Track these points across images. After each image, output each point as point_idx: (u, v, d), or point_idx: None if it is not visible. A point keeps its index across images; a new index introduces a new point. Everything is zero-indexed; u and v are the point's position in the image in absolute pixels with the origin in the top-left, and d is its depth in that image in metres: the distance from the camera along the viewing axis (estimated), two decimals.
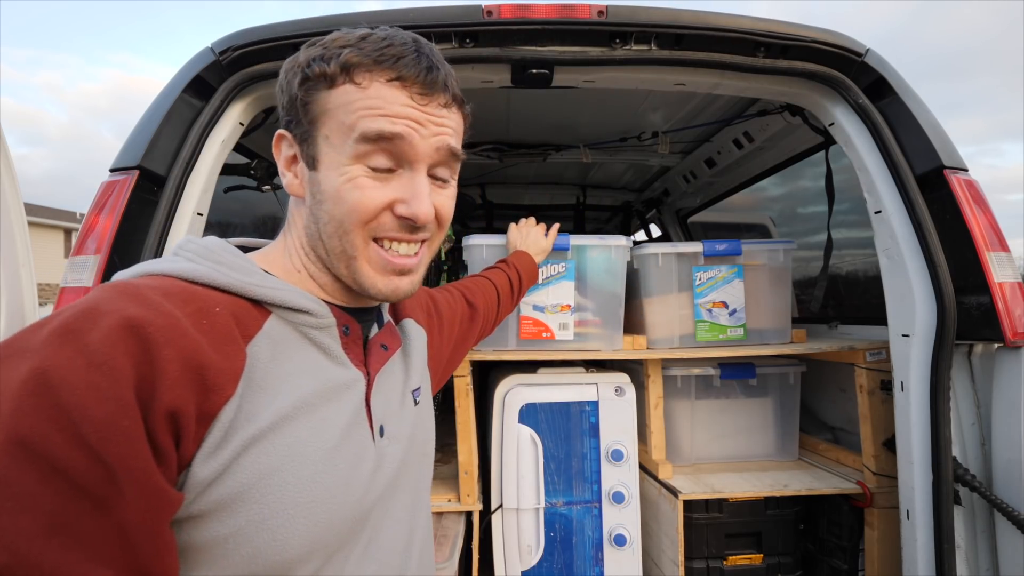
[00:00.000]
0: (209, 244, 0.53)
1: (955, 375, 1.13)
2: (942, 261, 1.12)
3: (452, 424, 1.39)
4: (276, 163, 0.59)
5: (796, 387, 1.58)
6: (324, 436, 0.49)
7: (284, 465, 0.46)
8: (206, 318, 0.45)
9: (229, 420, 0.43)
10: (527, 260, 1.28)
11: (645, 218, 3.18)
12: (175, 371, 0.40)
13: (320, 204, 0.54)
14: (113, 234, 1.04)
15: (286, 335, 0.51)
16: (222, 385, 0.43)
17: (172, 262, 0.50)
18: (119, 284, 0.45)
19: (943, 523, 1.07)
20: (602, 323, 1.44)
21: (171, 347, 0.40)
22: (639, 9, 1.16)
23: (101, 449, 0.35)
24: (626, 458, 1.39)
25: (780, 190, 2.42)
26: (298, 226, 0.58)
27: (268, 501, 0.44)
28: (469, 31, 1.15)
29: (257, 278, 0.51)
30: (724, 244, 1.48)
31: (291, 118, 0.55)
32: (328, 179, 0.53)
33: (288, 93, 0.55)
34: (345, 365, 0.55)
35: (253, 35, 1.16)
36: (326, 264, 0.57)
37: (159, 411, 0.39)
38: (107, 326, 0.39)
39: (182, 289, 0.46)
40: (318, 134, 0.53)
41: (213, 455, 0.42)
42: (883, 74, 1.21)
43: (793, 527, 1.45)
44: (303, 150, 0.55)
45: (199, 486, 0.41)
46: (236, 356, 0.45)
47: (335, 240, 0.54)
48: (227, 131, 1.22)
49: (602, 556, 1.38)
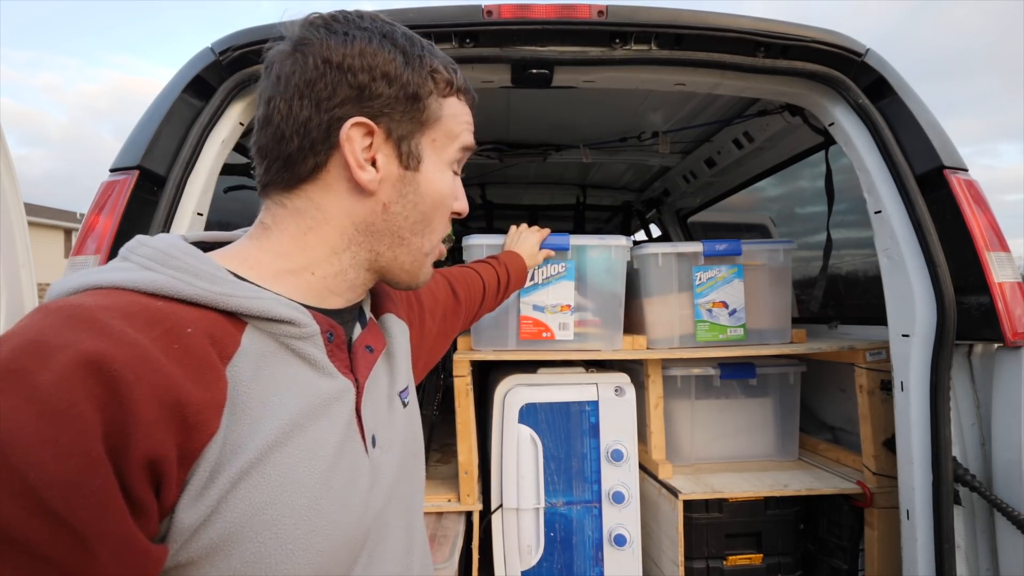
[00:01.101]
0: (164, 246, 0.46)
1: (955, 375, 1.13)
2: (942, 261, 1.12)
3: (452, 424, 1.39)
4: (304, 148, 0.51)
5: (796, 387, 1.58)
6: (317, 458, 0.45)
7: (277, 497, 0.41)
8: (177, 342, 0.39)
9: (215, 457, 0.39)
10: (518, 262, 1.25)
11: (645, 218, 3.18)
12: (149, 413, 0.35)
13: (414, 204, 0.54)
14: (113, 234, 1.04)
15: (266, 349, 0.45)
16: (204, 422, 0.38)
17: (124, 271, 0.43)
18: (64, 306, 0.37)
19: (943, 523, 1.07)
20: (602, 323, 1.44)
21: (142, 385, 0.35)
22: (639, 9, 1.16)
23: (67, 514, 0.31)
24: (626, 458, 1.39)
25: (780, 190, 2.42)
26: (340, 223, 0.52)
27: (264, 539, 0.40)
28: (469, 31, 1.15)
29: (228, 287, 0.44)
30: (724, 244, 1.48)
31: (387, 111, 0.51)
32: (432, 180, 0.55)
33: (404, 89, 0.51)
34: (332, 375, 0.50)
35: (253, 35, 1.16)
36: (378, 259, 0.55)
37: (135, 462, 0.34)
38: (60, 365, 0.33)
39: (143, 307, 0.39)
40: (426, 136, 0.54)
41: (199, 498, 0.38)
42: (883, 74, 1.21)
43: (793, 527, 1.45)
44: (400, 147, 0.52)
45: (185, 532, 0.37)
46: (216, 384, 0.40)
47: (418, 238, 0.56)
48: (227, 131, 1.22)
49: (602, 556, 1.38)
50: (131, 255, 0.46)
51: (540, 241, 1.36)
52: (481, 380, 1.77)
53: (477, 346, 1.43)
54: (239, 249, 0.52)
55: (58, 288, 0.43)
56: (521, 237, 1.34)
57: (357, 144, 0.50)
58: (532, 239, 1.34)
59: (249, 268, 0.50)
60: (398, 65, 0.51)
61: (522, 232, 1.35)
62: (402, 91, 0.51)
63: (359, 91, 0.50)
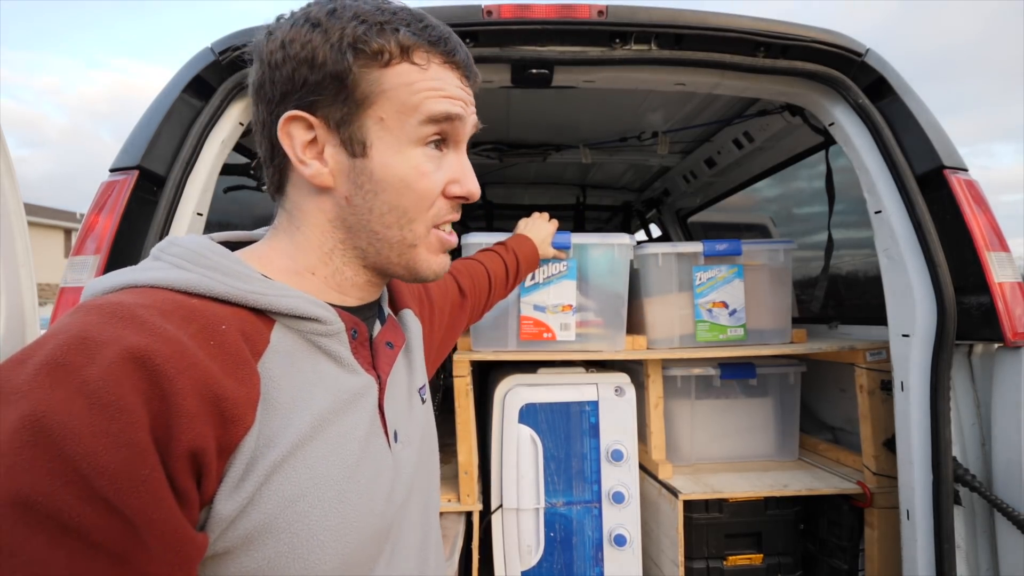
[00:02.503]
0: (195, 246, 0.47)
1: (955, 375, 1.13)
2: (942, 261, 1.12)
3: (452, 424, 1.39)
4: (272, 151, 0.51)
5: (796, 387, 1.58)
6: (344, 453, 0.46)
7: (308, 490, 0.43)
8: (213, 338, 0.40)
9: (251, 451, 0.40)
10: (528, 246, 1.21)
11: (645, 218, 3.18)
12: (192, 406, 0.36)
13: (374, 194, 0.50)
14: (113, 234, 1.04)
15: (294, 346, 0.47)
16: (241, 415, 0.39)
17: (157, 270, 0.44)
18: (104, 304, 0.39)
19: (943, 523, 1.07)
20: (604, 323, 1.44)
21: (184, 378, 0.36)
22: (639, 9, 1.16)
23: (119, 502, 0.32)
24: (626, 458, 1.39)
25: (779, 190, 2.42)
26: (317, 221, 0.52)
27: (296, 530, 0.41)
28: (469, 31, 1.15)
29: (258, 285, 0.46)
30: (724, 244, 1.48)
31: (318, 98, 0.48)
32: (387, 166, 0.49)
33: (323, 70, 0.47)
34: (356, 372, 0.51)
35: (253, 35, 1.15)
36: (365, 256, 0.53)
37: (179, 452, 0.35)
38: (107, 359, 0.34)
39: (178, 305, 0.41)
40: (368, 116, 0.49)
41: (236, 490, 0.39)
42: (883, 74, 1.21)
43: (793, 527, 1.45)
44: (341, 134, 0.49)
45: (223, 523, 0.38)
46: (250, 380, 0.41)
47: (394, 230, 0.51)
48: (227, 131, 1.22)
49: (602, 556, 1.38)
50: (162, 254, 0.47)
51: (552, 232, 1.32)
52: (481, 380, 1.77)
53: (477, 347, 1.42)
54: (259, 249, 0.54)
55: (94, 287, 0.44)
56: (533, 224, 1.30)
57: (297, 140, 0.49)
58: (544, 228, 1.30)
59: (268, 267, 0.51)
60: (316, 45, 0.47)
61: (534, 220, 1.31)
62: (323, 73, 0.47)
63: (288, 84, 0.48)
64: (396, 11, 0.50)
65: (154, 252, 0.48)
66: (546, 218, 1.34)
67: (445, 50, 0.51)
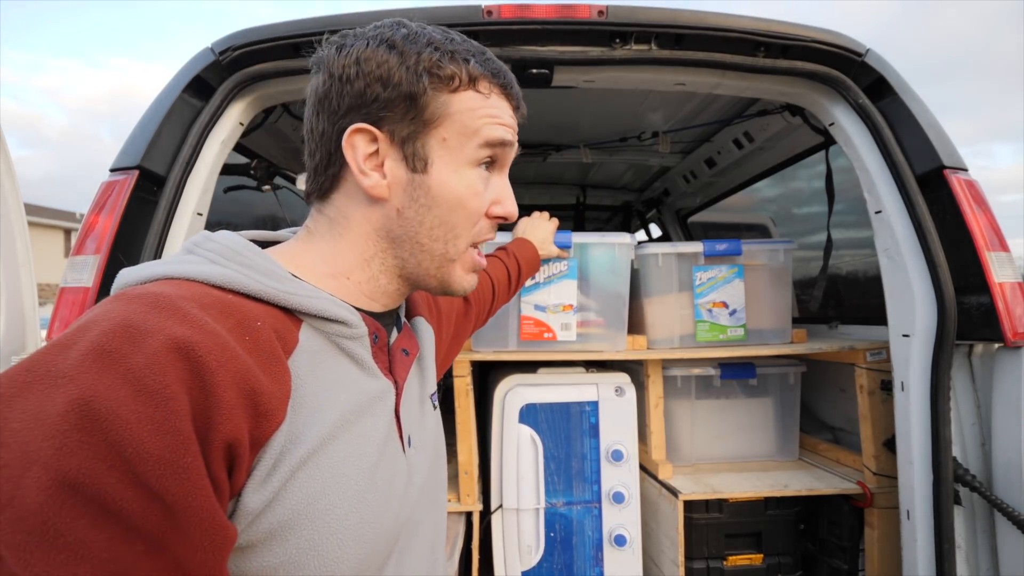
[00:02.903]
0: (230, 243, 0.48)
1: (955, 375, 1.13)
2: (942, 261, 1.12)
3: (452, 424, 1.39)
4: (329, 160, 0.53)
5: (796, 387, 1.58)
6: (364, 453, 0.48)
7: (330, 488, 0.44)
8: (248, 334, 0.42)
9: (280, 446, 0.41)
10: (529, 249, 1.22)
11: (645, 218, 3.18)
12: (231, 398, 0.37)
13: (427, 208, 0.53)
14: (113, 234, 1.04)
15: (320, 347, 0.48)
16: (274, 410, 0.41)
17: (193, 264, 0.46)
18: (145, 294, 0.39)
19: (943, 523, 1.07)
20: (605, 323, 1.44)
21: (224, 371, 0.37)
22: (639, 9, 1.16)
23: (160, 488, 0.33)
24: (626, 458, 1.39)
25: (779, 190, 2.42)
26: (362, 229, 0.54)
27: (318, 526, 0.42)
28: (469, 31, 1.15)
29: (290, 285, 0.47)
30: (724, 244, 1.48)
31: (387, 114, 0.51)
32: (444, 183, 0.53)
33: (398, 89, 0.50)
34: (376, 376, 0.52)
35: (253, 35, 1.16)
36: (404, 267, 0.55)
37: (217, 443, 0.36)
38: (152, 348, 0.35)
39: (216, 299, 0.42)
40: (432, 135, 0.52)
41: (264, 483, 0.40)
42: (883, 74, 1.21)
43: (793, 527, 1.45)
44: (404, 150, 0.52)
45: (249, 516, 0.39)
46: (283, 376, 0.43)
47: (439, 244, 0.54)
48: (227, 131, 1.22)
49: (602, 556, 1.38)
50: (197, 249, 0.48)
51: (553, 231, 1.33)
52: (481, 380, 1.77)
53: (477, 347, 1.42)
54: (290, 249, 0.55)
55: (129, 276, 0.45)
56: (533, 225, 1.31)
57: (360, 151, 0.51)
58: (545, 228, 1.31)
59: (297, 268, 0.52)
60: (392, 66, 0.50)
61: (534, 220, 1.32)
62: (397, 92, 0.50)
63: (358, 98, 0.51)
64: (463, 42, 0.55)
65: (187, 246, 0.49)
66: (546, 217, 1.35)
67: (504, 82, 0.56)
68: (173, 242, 1.13)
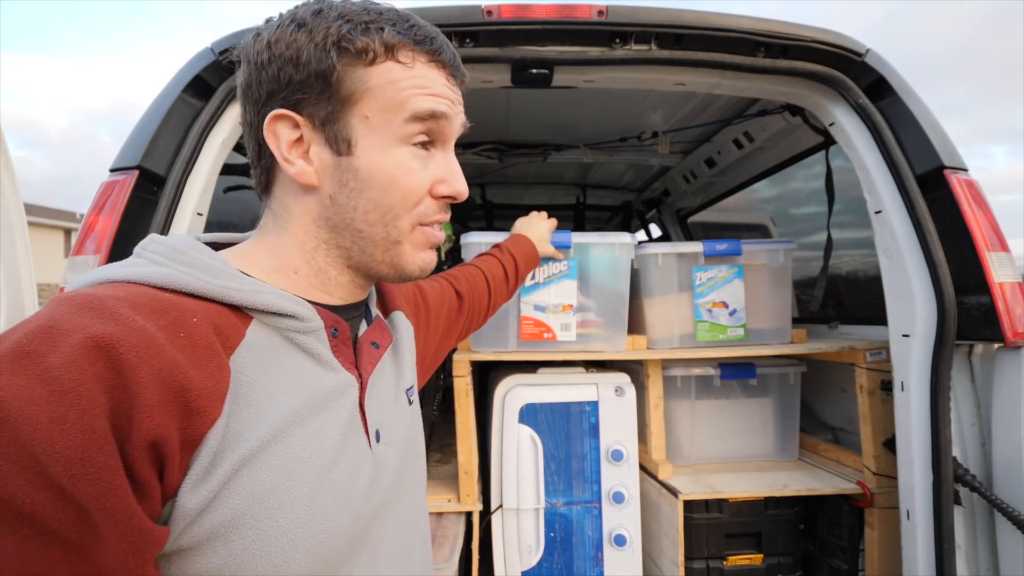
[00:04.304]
0: (175, 243, 0.47)
1: (955, 375, 1.13)
2: (942, 261, 1.12)
3: (452, 424, 1.39)
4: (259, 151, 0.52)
5: (796, 387, 1.58)
6: (319, 450, 0.46)
7: (279, 486, 0.42)
8: (183, 331, 0.40)
9: (217, 443, 0.39)
10: (525, 245, 1.21)
11: (645, 218, 3.18)
12: (152, 395, 0.36)
13: (359, 192, 0.50)
14: (113, 234, 1.04)
15: (271, 342, 0.46)
16: (206, 407, 0.39)
17: (134, 265, 0.45)
18: (76, 296, 0.39)
19: (943, 523, 1.07)
20: (605, 323, 1.44)
21: (145, 367, 0.36)
22: (639, 9, 1.16)
23: (73, 489, 0.32)
24: (626, 458, 1.39)
25: (780, 190, 2.42)
26: (302, 220, 0.52)
27: (264, 527, 0.41)
28: (469, 31, 1.15)
29: (235, 281, 0.46)
30: (724, 244, 1.48)
31: (303, 96, 0.49)
32: (372, 164, 0.50)
33: (308, 68, 0.48)
34: (336, 370, 0.51)
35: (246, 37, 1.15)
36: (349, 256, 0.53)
37: (138, 441, 0.35)
38: (70, 347, 0.34)
39: (151, 299, 0.41)
40: (352, 114, 0.49)
41: (201, 482, 0.38)
42: (883, 74, 1.21)
43: (793, 527, 1.45)
44: (326, 133, 0.49)
45: (187, 516, 0.38)
46: (219, 372, 0.41)
47: (378, 228, 0.52)
48: (227, 131, 1.22)
49: (602, 556, 1.38)
50: (143, 252, 0.47)
51: (550, 230, 1.33)
52: (481, 380, 1.77)
53: (476, 347, 1.42)
54: (243, 248, 0.55)
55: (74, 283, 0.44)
56: (529, 223, 1.30)
57: (283, 138, 0.49)
58: (542, 226, 1.31)
59: (249, 266, 0.51)
60: (300, 45, 0.48)
61: (531, 219, 1.32)
62: (307, 71, 0.48)
63: (274, 83, 0.49)
64: (382, 11, 0.50)
65: (136, 250, 0.48)
66: (544, 216, 1.35)
67: (431, 49, 0.51)
68: None
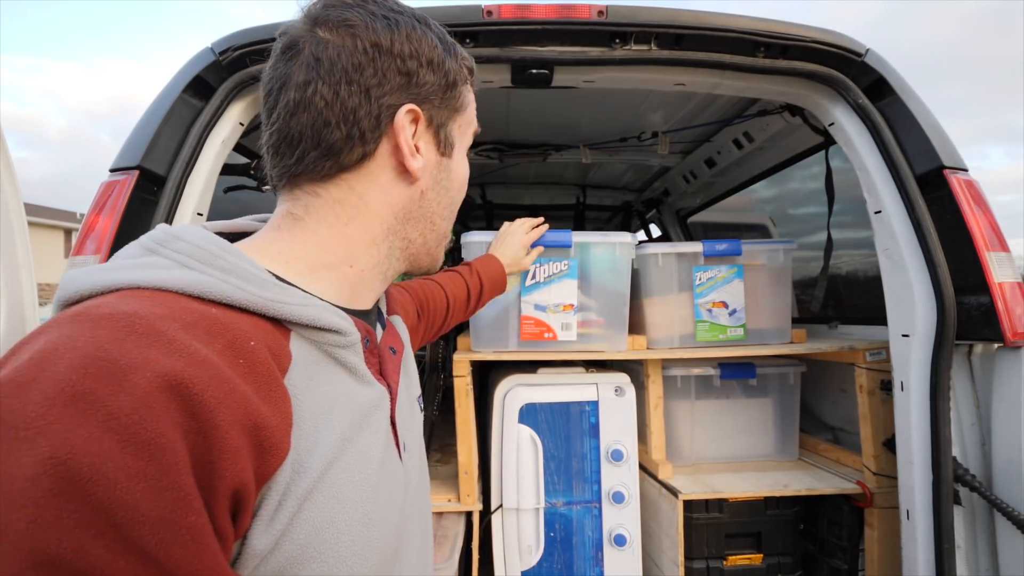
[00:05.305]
0: (202, 241, 0.41)
1: (955, 375, 1.13)
2: (942, 261, 1.12)
3: (452, 424, 1.39)
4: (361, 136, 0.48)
5: (796, 387, 1.58)
6: (366, 472, 0.44)
7: (336, 515, 0.40)
8: (241, 356, 0.36)
9: (286, 481, 0.37)
10: (495, 267, 1.16)
11: (645, 218, 3.18)
12: (233, 439, 0.32)
13: (446, 190, 0.55)
14: (113, 234, 1.04)
15: (311, 358, 0.43)
16: (277, 444, 0.36)
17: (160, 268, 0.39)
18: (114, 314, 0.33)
19: (943, 523, 1.07)
20: (605, 323, 1.44)
21: (223, 408, 0.32)
22: (639, 9, 1.16)
23: (160, 554, 0.28)
24: (626, 458, 1.39)
25: (780, 190, 2.42)
26: (380, 212, 0.50)
27: (326, 558, 0.39)
28: (469, 31, 1.15)
29: (276, 292, 0.41)
30: (724, 244, 1.48)
31: (432, 98, 0.51)
32: (458, 166, 0.56)
33: (446, 76, 0.51)
34: (370, 383, 0.48)
35: (253, 35, 1.16)
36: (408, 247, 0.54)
37: (222, 492, 0.31)
38: (139, 388, 0.29)
39: (199, 316, 0.36)
40: (455, 122, 0.55)
41: (271, 523, 0.36)
42: (883, 74, 1.21)
43: (793, 527, 1.45)
44: (439, 134, 0.52)
45: (256, 558, 0.35)
46: (283, 403, 0.38)
47: (445, 223, 0.57)
48: (227, 131, 1.22)
49: (602, 556, 1.38)
50: (162, 249, 0.41)
51: (531, 241, 1.29)
52: (481, 380, 1.77)
53: (477, 347, 1.42)
54: (268, 242, 0.48)
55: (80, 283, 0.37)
56: (507, 238, 1.26)
57: (408, 131, 0.50)
58: (518, 240, 1.27)
59: (284, 263, 0.47)
60: (440, 52, 0.51)
61: (511, 230, 1.28)
62: (443, 78, 0.51)
63: (408, 78, 0.48)
64: None
65: (148, 244, 0.42)
66: (528, 225, 1.30)
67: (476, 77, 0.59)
68: None
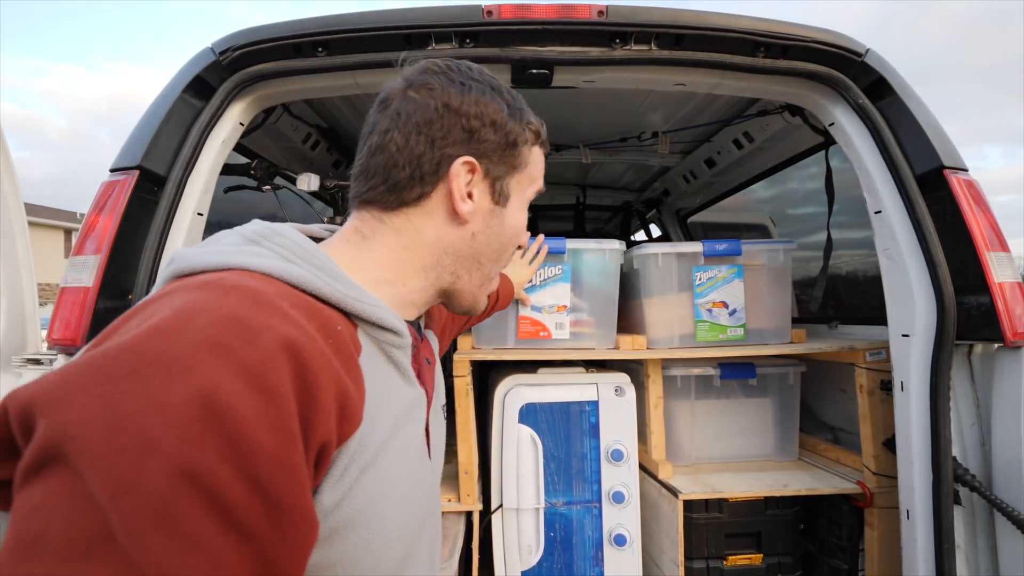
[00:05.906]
0: (300, 240, 0.49)
1: (955, 375, 1.13)
2: (942, 261, 1.12)
3: (452, 424, 1.39)
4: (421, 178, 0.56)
5: (796, 387, 1.58)
6: (409, 459, 0.51)
7: (385, 491, 0.46)
8: (331, 337, 0.43)
9: (355, 448, 0.43)
10: (509, 287, 1.26)
11: (645, 218, 3.18)
12: (328, 401, 0.39)
13: (496, 235, 0.61)
14: (113, 234, 1.04)
15: (372, 351, 0.50)
16: (354, 414, 0.42)
17: (265, 258, 0.46)
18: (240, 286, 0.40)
19: (943, 523, 1.07)
20: (596, 323, 1.47)
21: (324, 375, 0.39)
22: (639, 9, 1.16)
23: (268, 484, 0.33)
24: (626, 458, 1.39)
25: (779, 190, 2.42)
26: (433, 245, 0.58)
27: (374, 526, 0.44)
28: (469, 31, 1.15)
29: (355, 291, 0.49)
30: (724, 244, 1.48)
31: (491, 154, 0.58)
32: (513, 217, 0.62)
33: (506, 137, 0.58)
34: (414, 384, 0.55)
35: (253, 35, 1.16)
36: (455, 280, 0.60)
37: (313, 444, 0.37)
38: (266, 346, 0.36)
39: (299, 300, 0.43)
40: (514, 177, 0.61)
41: (339, 483, 0.42)
42: (883, 74, 1.21)
43: (793, 527, 1.45)
44: (495, 186, 0.59)
45: (322, 513, 0.40)
46: (359, 380, 0.45)
47: (492, 264, 0.62)
48: (227, 131, 1.22)
49: (602, 556, 1.38)
50: (264, 242, 0.48)
51: (533, 272, 1.41)
52: (481, 380, 1.77)
53: (478, 344, 1.44)
54: (342, 251, 0.57)
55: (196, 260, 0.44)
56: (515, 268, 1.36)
57: (461, 179, 0.57)
58: (525, 273, 1.38)
59: (356, 271, 0.54)
60: (504, 116, 0.58)
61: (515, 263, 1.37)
62: (504, 138, 0.58)
63: (470, 134, 0.57)
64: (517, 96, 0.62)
65: (248, 235, 0.49)
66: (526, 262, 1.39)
67: (545, 140, 0.65)
68: (173, 242, 1.13)
